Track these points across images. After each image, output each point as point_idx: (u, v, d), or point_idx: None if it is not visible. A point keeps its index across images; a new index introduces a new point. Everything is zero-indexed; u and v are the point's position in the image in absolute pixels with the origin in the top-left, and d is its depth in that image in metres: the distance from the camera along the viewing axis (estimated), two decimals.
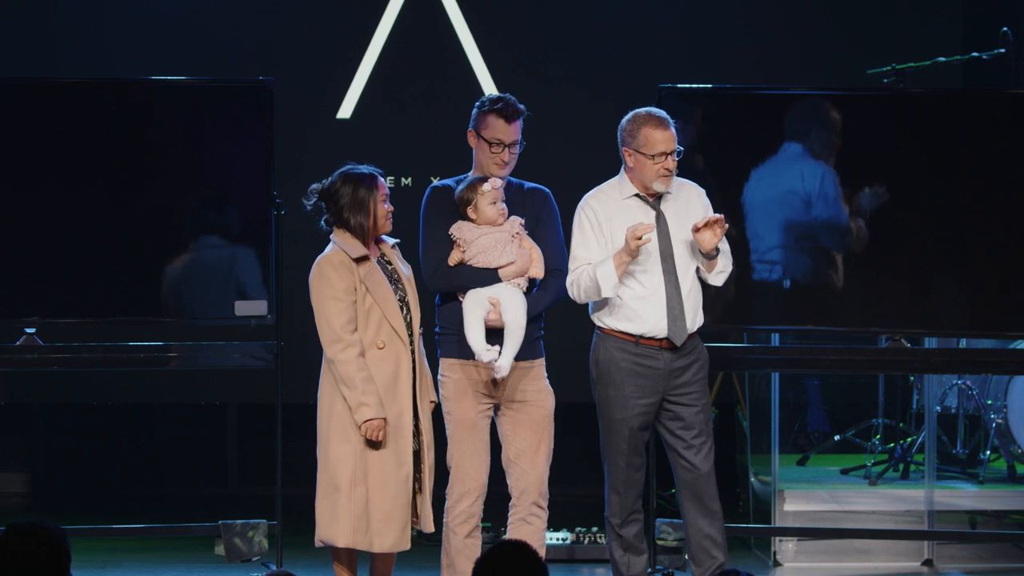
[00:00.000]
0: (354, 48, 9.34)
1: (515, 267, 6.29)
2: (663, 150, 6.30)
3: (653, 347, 6.35)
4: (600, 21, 9.44)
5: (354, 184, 6.15)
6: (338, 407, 6.09)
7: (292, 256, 7.71)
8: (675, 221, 6.37)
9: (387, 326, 6.12)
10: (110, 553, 8.15)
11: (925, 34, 9.24)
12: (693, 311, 6.39)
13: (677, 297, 6.33)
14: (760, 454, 8.33)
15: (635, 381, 6.35)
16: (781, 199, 7.27)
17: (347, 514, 6.04)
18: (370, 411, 6.02)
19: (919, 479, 8.33)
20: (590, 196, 6.45)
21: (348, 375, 6.04)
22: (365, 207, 6.13)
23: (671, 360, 6.36)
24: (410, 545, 6.15)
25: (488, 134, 6.35)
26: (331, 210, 6.18)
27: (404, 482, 6.10)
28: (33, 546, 4.24)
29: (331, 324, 6.07)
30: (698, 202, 6.45)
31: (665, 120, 6.34)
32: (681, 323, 6.33)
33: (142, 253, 7.40)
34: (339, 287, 6.07)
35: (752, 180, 7.24)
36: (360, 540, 6.06)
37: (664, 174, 6.32)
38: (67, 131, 7.37)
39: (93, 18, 9.30)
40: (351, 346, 6.05)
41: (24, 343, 7.39)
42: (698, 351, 6.44)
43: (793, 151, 7.28)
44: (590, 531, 7.95)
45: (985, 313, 7.28)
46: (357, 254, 6.11)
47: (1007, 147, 7.20)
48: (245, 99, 7.47)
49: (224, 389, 9.46)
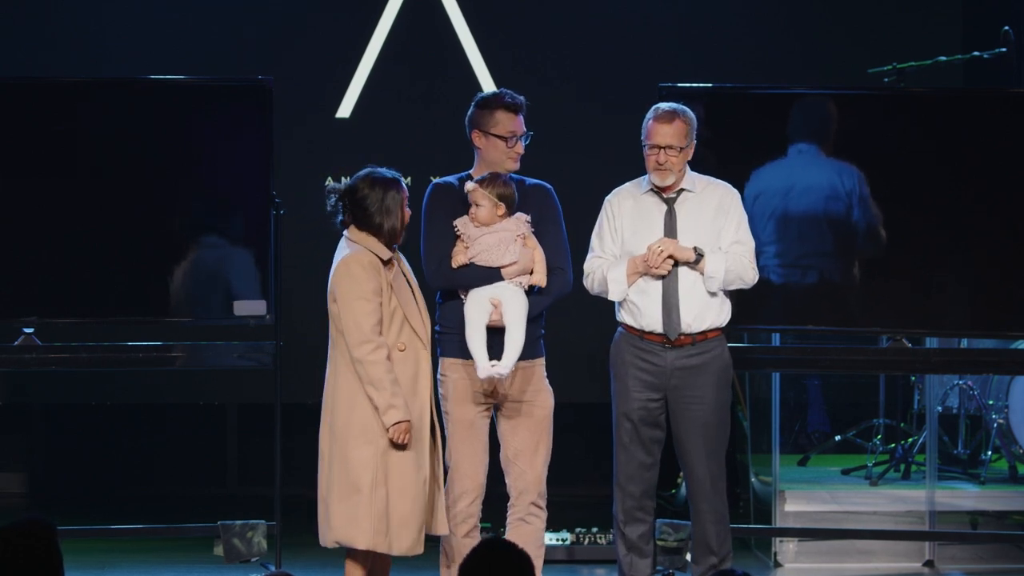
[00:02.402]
0: (353, 47, 9.33)
1: (517, 267, 6.27)
2: (655, 143, 6.33)
3: (656, 343, 6.38)
4: (600, 21, 9.43)
5: (384, 187, 6.09)
6: (359, 408, 6.02)
7: (291, 256, 7.70)
8: (687, 219, 6.38)
9: (408, 328, 6.08)
10: (108, 554, 8.13)
11: (926, 33, 9.24)
12: (695, 310, 6.38)
13: (674, 293, 6.34)
14: (761, 454, 8.33)
15: (637, 375, 6.39)
16: (781, 198, 7.25)
17: (368, 516, 5.99)
18: (399, 413, 5.97)
19: (920, 480, 8.33)
20: (616, 190, 6.53)
21: (378, 377, 5.98)
22: (395, 211, 6.08)
23: (675, 358, 6.37)
24: (423, 549, 6.11)
25: (500, 129, 6.33)
26: (354, 212, 6.10)
27: (423, 485, 6.07)
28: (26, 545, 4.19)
29: (360, 325, 5.99)
30: (718, 203, 6.43)
31: (668, 114, 6.37)
32: (675, 319, 6.34)
33: (140, 252, 7.38)
34: (368, 288, 6.01)
35: (752, 180, 7.22)
36: (380, 542, 6.02)
37: (655, 167, 6.36)
38: (66, 130, 7.35)
39: (91, 18, 9.29)
40: (380, 347, 6.00)
41: (22, 343, 7.37)
42: (711, 354, 6.42)
43: (793, 151, 7.28)
44: (589, 531, 7.94)
45: (987, 313, 7.28)
46: (387, 255, 6.07)
47: (1008, 146, 7.19)
48: (244, 98, 7.46)
49: (223, 389, 9.44)
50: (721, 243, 6.41)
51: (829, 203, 7.24)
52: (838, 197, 7.23)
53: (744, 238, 6.47)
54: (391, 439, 5.97)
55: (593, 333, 8.75)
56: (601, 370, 7.07)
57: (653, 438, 6.46)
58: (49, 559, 4.16)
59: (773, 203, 7.25)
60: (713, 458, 6.43)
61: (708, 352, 6.42)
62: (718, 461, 6.45)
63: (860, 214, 7.22)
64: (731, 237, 6.43)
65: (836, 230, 7.25)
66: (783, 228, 7.26)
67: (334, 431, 6.07)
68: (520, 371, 6.30)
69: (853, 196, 7.22)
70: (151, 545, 8.30)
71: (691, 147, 6.43)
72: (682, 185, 6.45)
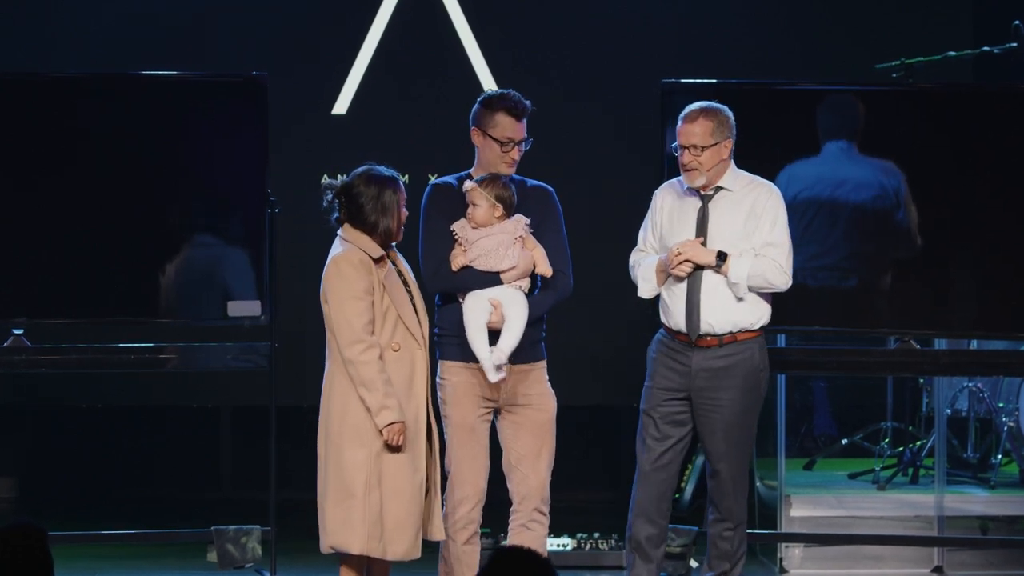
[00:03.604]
0: (350, 43, 9.29)
1: (516, 271, 6.21)
2: (680, 143, 6.34)
3: (683, 342, 6.37)
4: (600, 21, 9.41)
5: (380, 186, 6.05)
6: (352, 410, 5.98)
7: (286, 255, 7.66)
8: (721, 219, 6.34)
9: (402, 328, 6.04)
10: (100, 559, 8.12)
11: (935, 28, 9.21)
12: (718, 311, 6.32)
13: (696, 292, 6.31)
14: (766, 458, 8.29)
15: (664, 373, 6.40)
16: (788, 196, 7.13)
17: (362, 520, 5.95)
18: (392, 414, 5.93)
19: (929, 484, 8.30)
20: (665, 183, 6.56)
21: (369, 377, 5.93)
22: (391, 211, 6.03)
23: (701, 359, 6.34)
24: (420, 554, 6.07)
25: (498, 132, 6.27)
26: (350, 209, 6.06)
27: (418, 489, 6.03)
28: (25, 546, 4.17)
29: (351, 324, 5.96)
30: (752, 204, 6.36)
31: (692, 113, 6.36)
32: (695, 319, 6.31)
33: (133, 251, 7.34)
34: (359, 287, 5.97)
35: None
36: (375, 547, 5.98)
37: (682, 168, 6.37)
38: (56, 126, 7.31)
39: (84, 13, 9.24)
40: (372, 347, 5.96)
41: (11, 344, 7.34)
42: (738, 356, 6.35)
43: (800, 148, 7.24)
44: (592, 537, 7.92)
45: (997, 313, 7.24)
46: (378, 254, 6.03)
47: (1019, 143, 7.17)
48: (239, 94, 7.43)
49: (217, 391, 9.40)
50: (753, 244, 6.34)
51: (836, 200, 7.20)
52: (845, 194, 7.19)
53: (778, 240, 6.38)
54: (385, 441, 5.93)
55: (596, 335, 8.74)
56: (604, 372, 7.09)
57: (675, 437, 6.42)
58: (39, 565, 4.13)
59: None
60: (735, 461, 6.39)
61: (736, 355, 6.36)
62: (740, 464, 6.42)
63: (867, 212, 7.17)
64: (764, 238, 6.36)
65: (843, 227, 7.20)
66: (789, 226, 7.12)
67: (328, 434, 6.04)
68: (521, 374, 6.25)
69: (861, 195, 7.18)
70: (143, 551, 8.28)
71: (722, 145, 6.35)
72: (720, 183, 6.40)
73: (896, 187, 7.19)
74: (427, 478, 6.06)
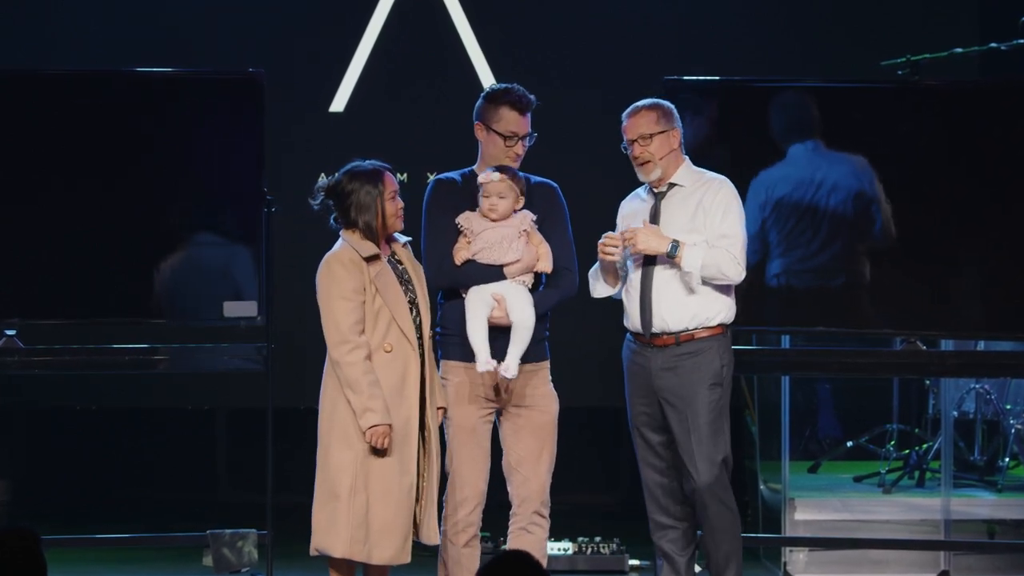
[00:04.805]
0: (347, 40, 9.30)
1: (520, 265, 6.17)
2: (627, 139, 6.32)
3: (643, 343, 6.32)
4: (600, 20, 9.42)
5: (360, 182, 6.02)
6: (340, 411, 5.95)
7: (283, 255, 7.64)
8: (672, 215, 6.30)
9: (396, 328, 5.98)
10: (93, 563, 8.11)
11: (941, 24, 9.22)
12: (670, 307, 6.26)
13: (648, 289, 6.27)
14: (769, 461, 8.28)
15: (633, 380, 6.38)
16: (791, 195, 7.19)
17: (346, 523, 5.91)
18: (375, 417, 5.88)
19: (935, 487, 8.29)
20: (630, 194, 6.52)
21: (354, 378, 5.89)
22: (372, 206, 5.99)
23: (660, 360, 6.29)
24: (410, 558, 6.03)
25: (502, 127, 6.24)
26: (339, 209, 6.05)
27: (407, 492, 5.98)
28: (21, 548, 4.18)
29: (338, 325, 5.92)
30: (700, 198, 6.30)
31: (633, 108, 6.35)
32: (648, 316, 6.27)
33: (127, 251, 7.31)
34: (348, 286, 5.93)
35: (761, 176, 7.17)
36: (358, 551, 5.93)
37: (635, 164, 6.34)
38: (50, 124, 7.27)
39: (84, 13, 9.25)
40: (358, 348, 5.91)
41: (4, 345, 7.31)
42: (698, 355, 6.27)
43: (803, 146, 7.20)
44: (592, 541, 7.92)
45: (1004, 313, 7.20)
46: (368, 253, 5.99)
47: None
48: (236, 91, 7.38)
49: (213, 393, 9.42)
50: (707, 236, 6.27)
51: (840, 199, 7.16)
52: (849, 193, 7.14)
53: (731, 231, 6.30)
54: (368, 443, 5.89)
55: (599, 335, 8.69)
56: (607, 373, 7.07)
57: (659, 442, 6.37)
58: (32, 568, 4.12)
59: (782, 199, 7.19)
60: (708, 463, 6.26)
61: (695, 354, 6.29)
62: (712, 466, 6.26)
63: (872, 210, 7.13)
64: (716, 231, 6.28)
65: (848, 227, 7.17)
66: (792, 225, 7.18)
67: (319, 435, 6.01)
68: (524, 374, 6.19)
69: (865, 192, 7.13)
70: (138, 554, 8.27)
71: (670, 134, 6.31)
72: (674, 179, 6.36)
73: (863, 185, 7.14)
74: (419, 481, 6.00)
